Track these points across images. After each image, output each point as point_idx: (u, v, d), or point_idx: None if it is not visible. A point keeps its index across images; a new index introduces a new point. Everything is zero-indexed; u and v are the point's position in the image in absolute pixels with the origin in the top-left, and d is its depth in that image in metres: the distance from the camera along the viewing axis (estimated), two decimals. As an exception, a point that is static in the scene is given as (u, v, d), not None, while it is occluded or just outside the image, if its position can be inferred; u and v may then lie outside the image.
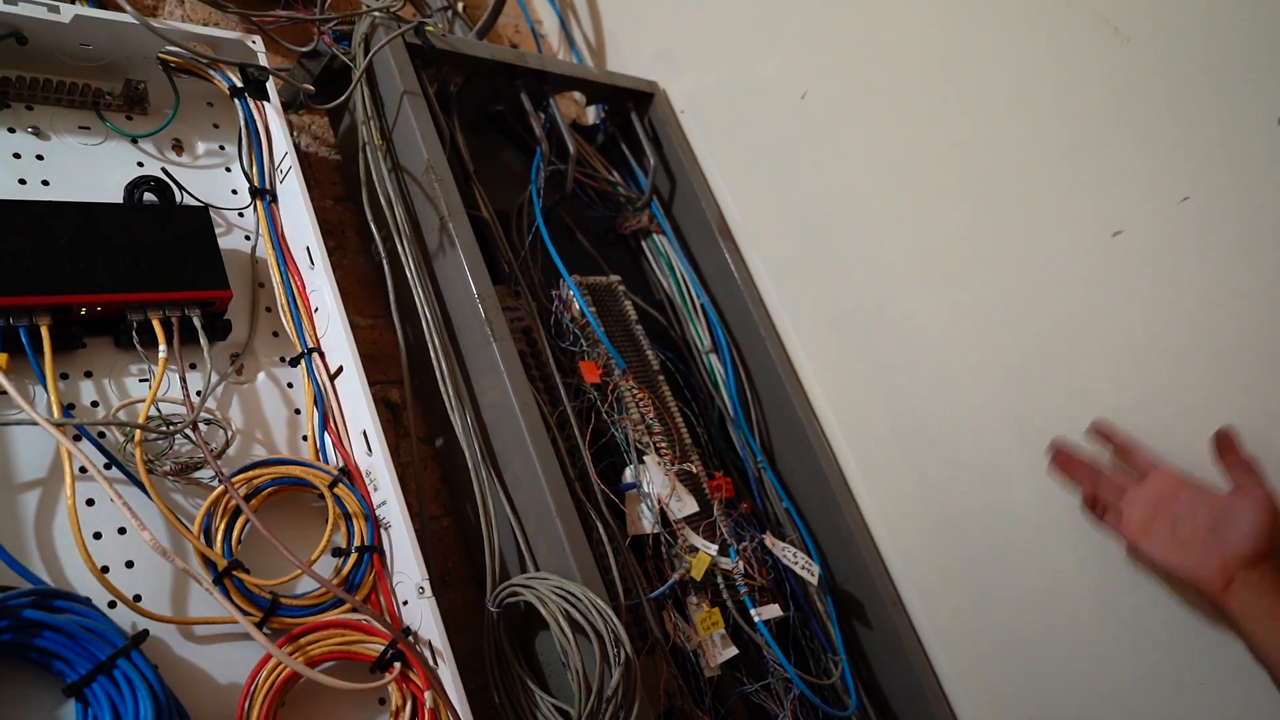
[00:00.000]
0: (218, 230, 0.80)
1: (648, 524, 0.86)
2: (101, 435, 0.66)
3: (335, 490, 0.73)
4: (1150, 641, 0.87)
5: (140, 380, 0.71)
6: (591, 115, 1.30)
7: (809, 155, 1.10)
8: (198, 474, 0.69)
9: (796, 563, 0.93)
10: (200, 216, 0.76)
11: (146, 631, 0.60)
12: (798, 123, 1.10)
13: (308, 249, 0.79)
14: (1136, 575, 0.86)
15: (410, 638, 0.70)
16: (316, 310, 0.79)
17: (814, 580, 0.94)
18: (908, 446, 1.03)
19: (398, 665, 0.68)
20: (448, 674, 0.67)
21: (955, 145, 0.97)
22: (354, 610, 0.69)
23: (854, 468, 1.07)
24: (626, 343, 0.98)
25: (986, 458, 0.97)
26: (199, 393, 0.72)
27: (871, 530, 1.05)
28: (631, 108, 1.20)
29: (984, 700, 1.00)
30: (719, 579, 0.89)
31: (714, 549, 0.87)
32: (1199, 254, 0.81)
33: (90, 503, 0.64)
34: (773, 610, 0.88)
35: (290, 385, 0.79)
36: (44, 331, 0.64)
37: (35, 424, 0.60)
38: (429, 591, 0.69)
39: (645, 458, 0.89)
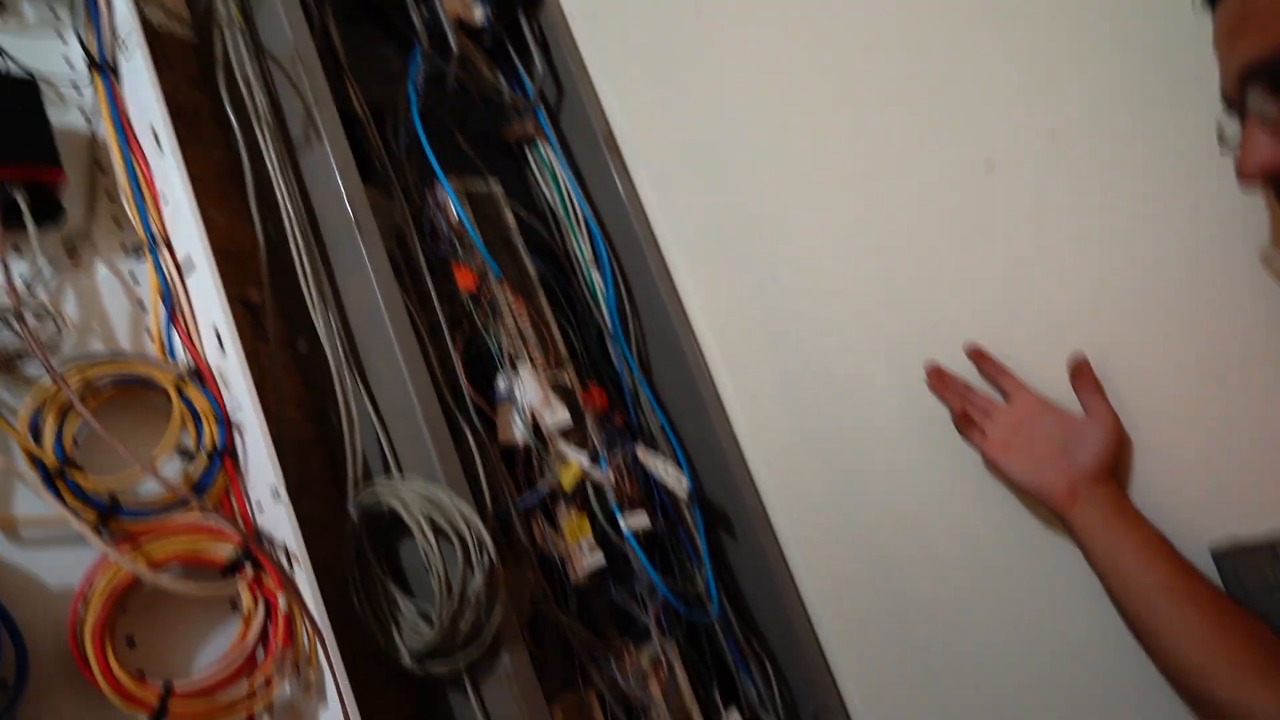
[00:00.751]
0: (51, 107, 0.72)
1: (519, 433, 0.86)
2: (-88, 322, 0.60)
3: (184, 390, 0.69)
4: (998, 555, 0.93)
5: (-43, 264, 0.65)
6: (479, 15, 1.23)
7: (699, 72, 1.08)
8: (28, 370, 0.64)
9: (667, 475, 0.95)
10: (28, 88, 0.69)
11: (-36, 532, 0.56)
12: (690, 38, 1.08)
13: (154, 131, 0.73)
14: (990, 492, 0.92)
15: (264, 542, 0.68)
16: (165, 200, 0.73)
17: (683, 493, 0.96)
18: (781, 364, 1.05)
19: (249, 568, 0.66)
20: (304, 577, 0.66)
21: (842, 68, 0.97)
22: (203, 513, 0.66)
23: (728, 382, 1.09)
24: (504, 251, 0.96)
25: (855, 376, 1.00)
26: (25, 281, 0.66)
27: (742, 444, 1.08)
28: (520, 8, 1.15)
29: (842, 611, 1.06)
30: (589, 489, 0.90)
31: (585, 459, 0.87)
32: (1065, 187, 0.85)
33: (-102, 395, 0.59)
34: (640, 519, 0.90)
35: (135, 278, 0.73)
36: None
37: None
38: (284, 495, 0.67)
39: (519, 367, 0.88)
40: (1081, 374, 0.83)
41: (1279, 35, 0.55)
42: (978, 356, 0.90)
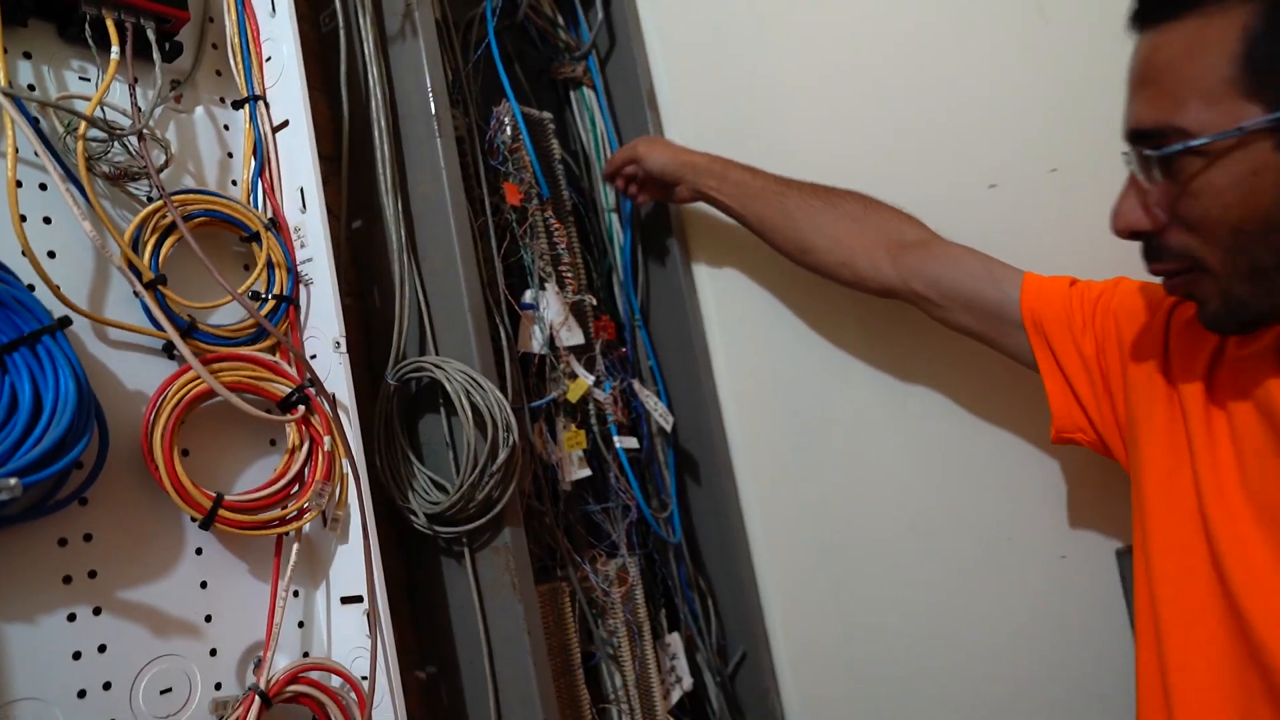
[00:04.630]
0: (173, -50, 0.77)
1: (537, 344, 0.93)
2: (36, 122, 0.64)
3: (262, 237, 0.74)
4: (942, 540, 1.04)
5: (80, 79, 0.69)
6: (546, -47, 1.29)
7: (747, 50, 1.16)
8: (132, 185, 0.69)
9: (657, 410, 1.03)
10: (165, -71, 0.73)
11: (69, 318, 0.61)
12: (744, 16, 1.16)
13: (270, -5, 0.78)
14: (940, 475, 1.03)
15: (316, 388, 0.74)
16: (269, 59, 0.78)
17: (668, 427, 1.04)
18: (773, 342, 1.14)
19: (301, 408, 0.72)
20: (350, 423, 0.72)
21: (878, 70, 1.07)
22: (268, 350, 0.72)
23: (720, 346, 1.17)
24: (548, 177, 1.03)
25: (838, 367, 1.10)
26: (139, 108, 0.71)
27: (722, 404, 1.16)
28: (590, -44, 1.21)
29: (784, 570, 1.16)
30: (590, 407, 0.98)
31: (591, 379, 0.95)
32: (1060, 219, 0.95)
33: (18, 184, 0.63)
34: (631, 441, 0.98)
35: (227, 128, 0.78)
36: (-6, -4, 0.62)
37: (-19, 87, 0.59)
38: (344, 347, 0.73)
39: (546, 285, 0.95)
40: (606, 170, 1.11)
41: (1167, 111, 0.57)
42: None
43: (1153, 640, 0.67)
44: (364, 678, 0.71)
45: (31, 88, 0.66)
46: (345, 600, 0.74)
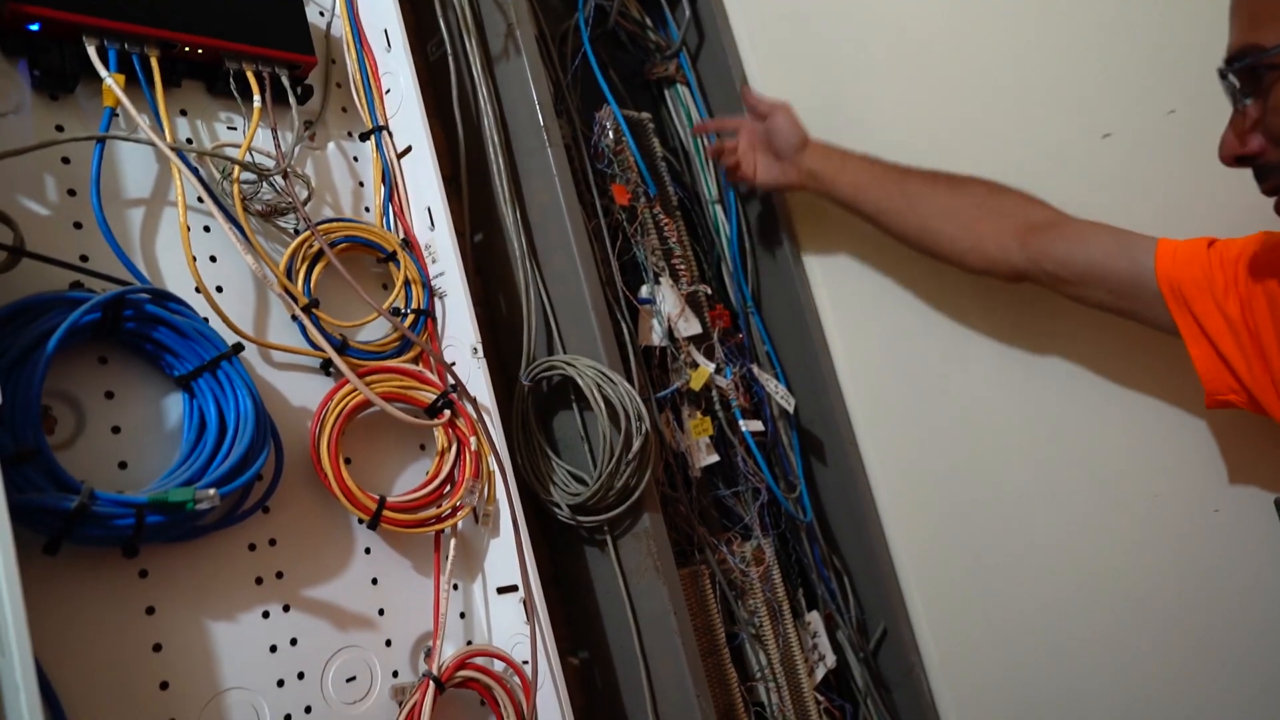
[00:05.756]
0: (295, 2, 0.83)
1: (657, 337, 0.96)
2: (196, 171, 0.71)
3: (397, 256, 0.80)
4: (1072, 501, 1.02)
5: (228, 128, 0.76)
6: (629, -42, 1.32)
7: (837, 33, 1.16)
8: (280, 220, 0.75)
9: (777, 392, 1.05)
10: (290, -18, 0.79)
11: (241, 344, 0.67)
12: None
13: (385, 31, 0.83)
14: (1067, 435, 1.01)
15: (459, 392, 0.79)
16: (388, 92, 0.84)
17: (790, 408, 1.05)
18: (889, 315, 1.14)
19: (447, 412, 0.77)
20: (493, 423, 0.77)
21: (973, 40, 1.05)
22: (412, 361, 0.77)
23: (833, 324, 1.18)
24: (653, 174, 1.05)
25: (956, 338, 1.09)
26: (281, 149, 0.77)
27: (841, 381, 1.17)
28: (673, -44, 1.23)
29: (918, 547, 1.15)
30: (713, 394, 1.00)
31: (712, 367, 0.97)
32: (1180, 163, 0.92)
33: (188, 228, 0.70)
34: (756, 424, 1.00)
35: (356, 159, 0.84)
36: (154, 63, 0.69)
37: (150, 144, 0.66)
38: (481, 352, 0.78)
39: (660, 279, 0.98)
40: (748, 100, 1.10)
41: (1246, 34, 0.61)
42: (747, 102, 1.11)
43: None
44: (524, 662, 0.75)
45: (189, 140, 0.73)
46: (501, 590, 0.78)
